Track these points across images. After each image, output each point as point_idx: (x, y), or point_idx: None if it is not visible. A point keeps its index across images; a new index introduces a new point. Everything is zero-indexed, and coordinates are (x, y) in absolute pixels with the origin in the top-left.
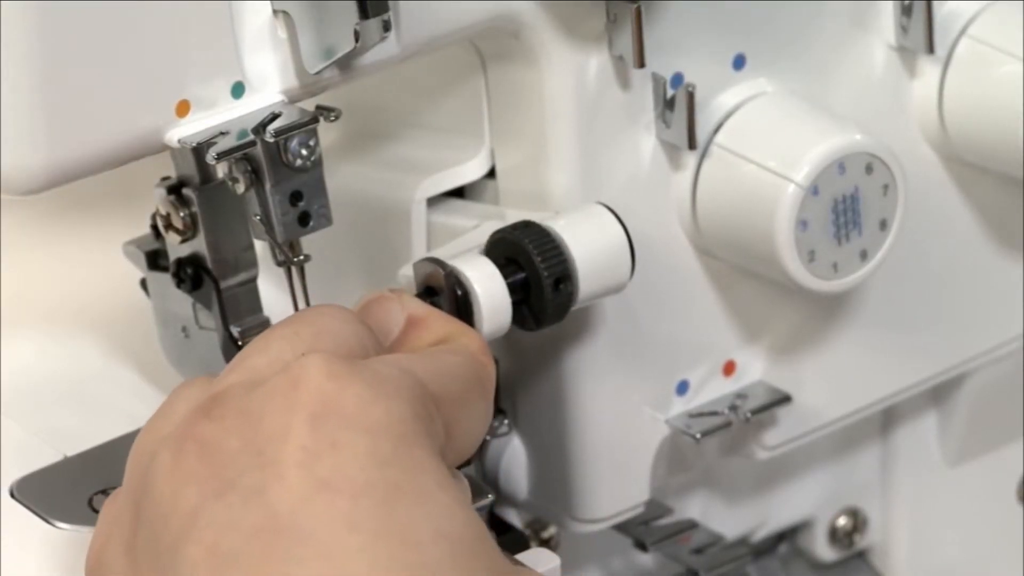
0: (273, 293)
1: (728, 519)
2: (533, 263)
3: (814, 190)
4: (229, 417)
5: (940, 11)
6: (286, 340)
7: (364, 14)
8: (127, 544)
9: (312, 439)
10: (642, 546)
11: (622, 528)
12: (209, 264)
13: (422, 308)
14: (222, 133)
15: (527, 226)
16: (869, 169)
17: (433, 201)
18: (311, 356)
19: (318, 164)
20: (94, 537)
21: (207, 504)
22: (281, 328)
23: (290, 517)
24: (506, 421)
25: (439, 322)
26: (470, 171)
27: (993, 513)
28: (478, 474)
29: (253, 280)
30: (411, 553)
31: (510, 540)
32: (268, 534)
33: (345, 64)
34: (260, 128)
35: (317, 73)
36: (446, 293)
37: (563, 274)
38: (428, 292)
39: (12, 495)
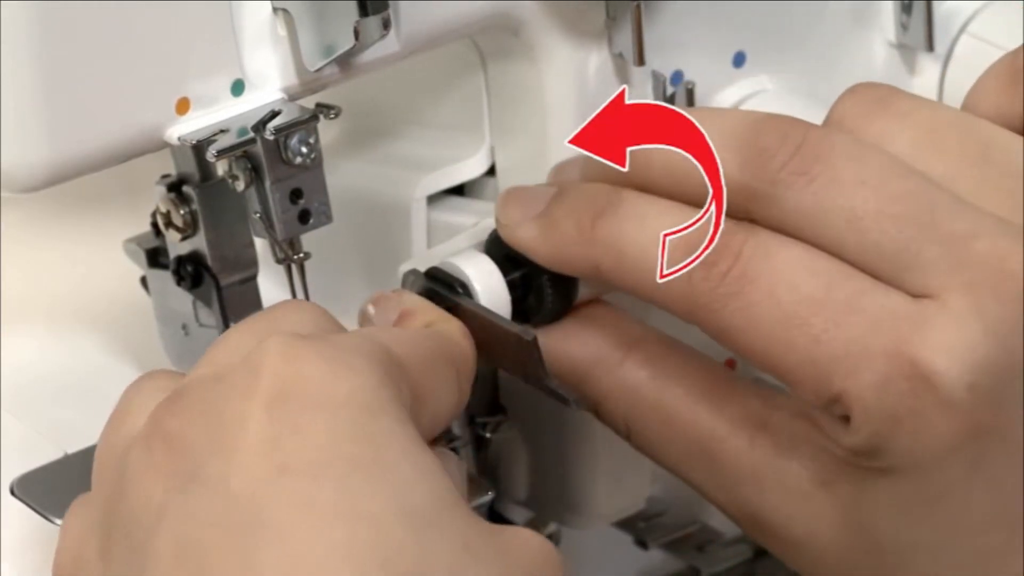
0: (273, 291)
1: None
2: (533, 261)
3: None
4: (192, 409)
5: (940, 9)
6: (247, 330)
7: (364, 12)
8: (101, 549)
9: (271, 425)
10: (643, 544)
11: (623, 526)
12: (209, 262)
13: (416, 301)
14: (222, 131)
15: None
16: None
17: (433, 198)
18: (268, 340)
19: (318, 162)
20: (62, 544)
21: (172, 497)
22: (243, 322)
23: (251, 503)
24: (506, 420)
25: (428, 311)
26: (470, 168)
27: None
28: (478, 472)
29: (253, 278)
30: (371, 531)
31: None
32: (230, 522)
33: (345, 62)
34: (260, 126)
35: (317, 71)
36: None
37: (564, 282)
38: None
39: (12, 492)
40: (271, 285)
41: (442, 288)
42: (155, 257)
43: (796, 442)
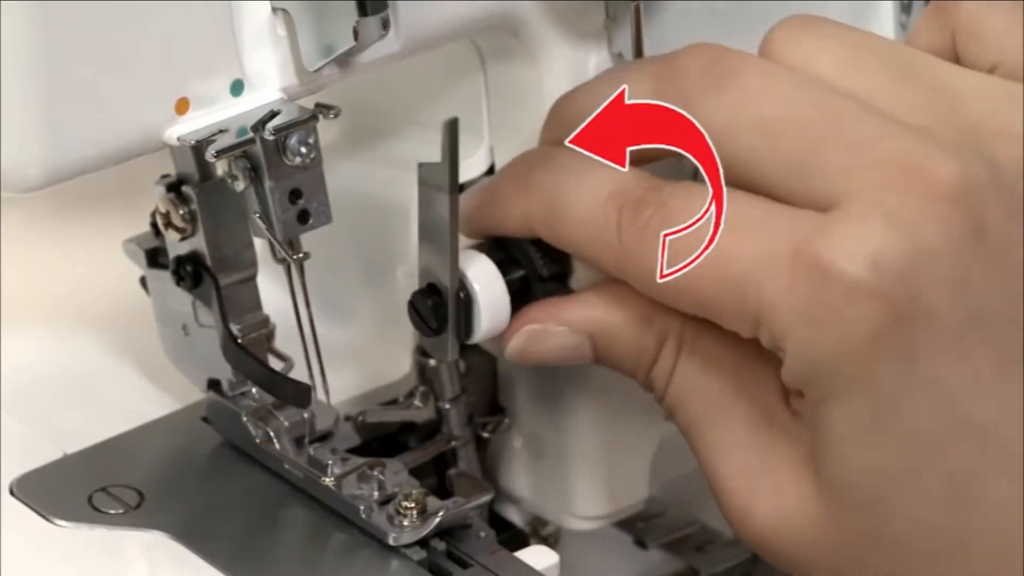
0: (273, 291)
1: None
2: (532, 262)
3: None
4: None
5: None
6: None
7: (363, 12)
8: None
9: None
10: (642, 544)
11: (622, 526)
12: (208, 262)
13: None
14: (221, 131)
15: None
16: None
17: None
18: None
19: (317, 162)
20: None
21: None
22: None
23: None
24: (505, 419)
25: None
26: (470, 168)
27: None
28: (478, 472)
29: (252, 278)
30: None
31: (510, 538)
32: None
33: (344, 62)
34: (259, 126)
35: (316, 71)
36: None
37: (562, 273)
38: (431, 290)
39: (12, 492)
40: (270, 285)
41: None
42: (155, 257)
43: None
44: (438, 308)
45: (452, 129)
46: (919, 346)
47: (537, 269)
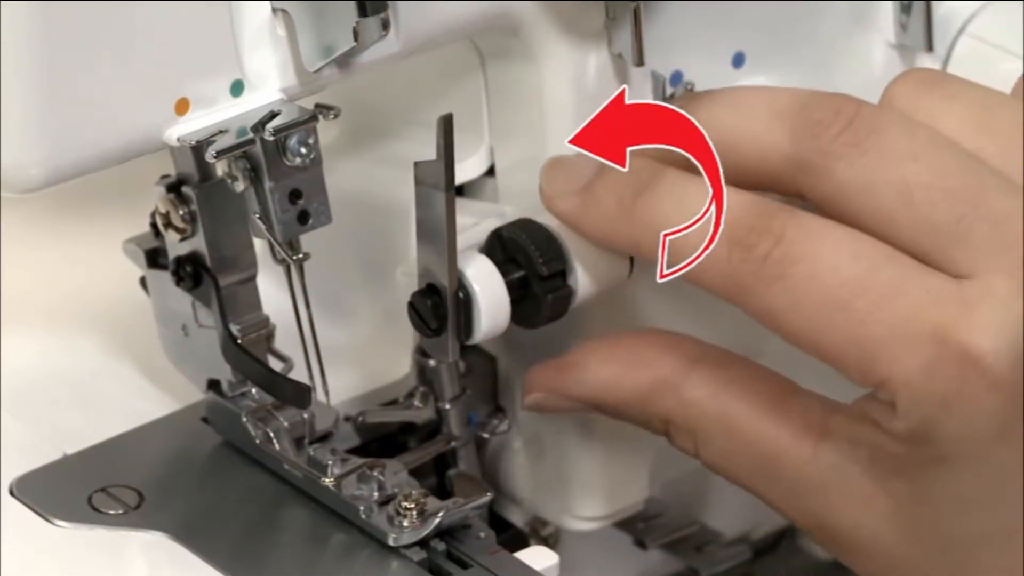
0: (272, 291)
1: (728, 517)
2: (532, 262)
3: None
4: None
5: (939, 9)
6: None
7: (363, 12)
8: None
9: None
10: (642, 544)
11: (622, 526)
12: (208, 262)
13: None
14: (221, 131)
15: (526, 224)
16: None
17: None
18: None
19: (317, 162)
20: None
21: None
22: None
23: None
24: (505, 420)
25: None
26: (469, 169)
27: None
28: (478, 472)
29: (252, 278)
30: None
31: (510, 538)
32: None
33: (344, 62)
34: (259, 126)
35: (316, 71)
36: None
37: (562, 273)
38: (430, 290)
39: (12, 493)
40: (270, 285)
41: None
42: (154, 258)
43: (856, 446)
44: (438, 308)
45: (447, 126)
46: None
47: (537, 269)
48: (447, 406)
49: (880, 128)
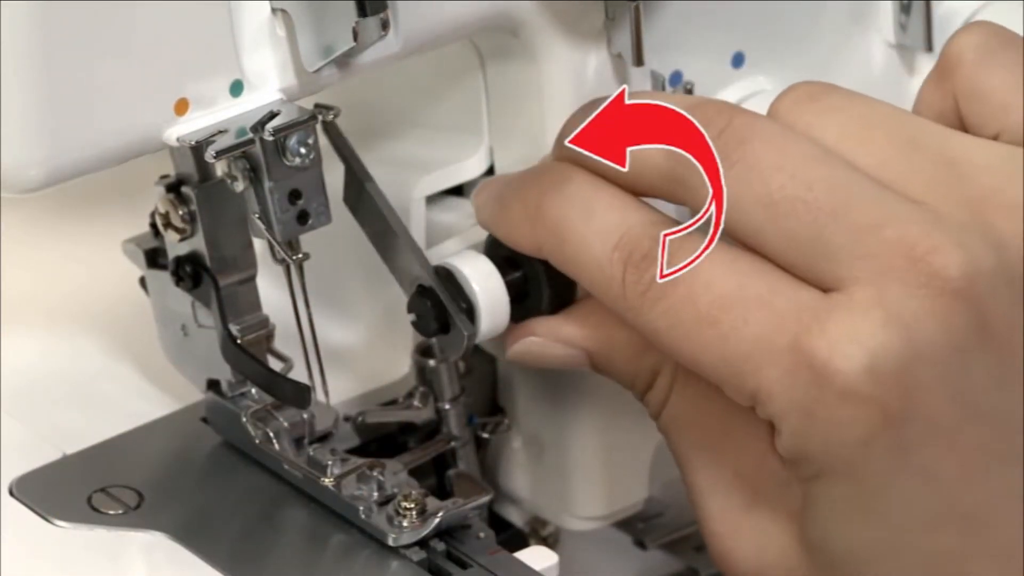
0: (272, 291)
1: None
2: (531, 262)
3: None
4: None
5: (939, 9)
6: None
7: (363, 12)
8: None
9: None
10: (641, 544)
11: (622, 526)
12: (208, 262)
13: None
14: (221, 131)
15: None
16: None
17: (432, 199)
18: None
19: (317, 162)
20: None
21: None
22: None
23: None
24: (505, 419)
25: None
26: (469, 169)
27: None
28: (477, 472)
29: (252, 278)
30: None
31: (509, 538)
32: None
33: (344, 62)
34: (259, 126)
35: (316, 71)
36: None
37: (560, 273)
38: (423, 291)
39: (11, 493)
40: (270, 286)
41: (448, 294)
42: (154, 258)
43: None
44: (437, 304)
45: (332, 129)
46: (910, 442)
47: (535, 269)
48: (447, 406)
49: (748, 139)
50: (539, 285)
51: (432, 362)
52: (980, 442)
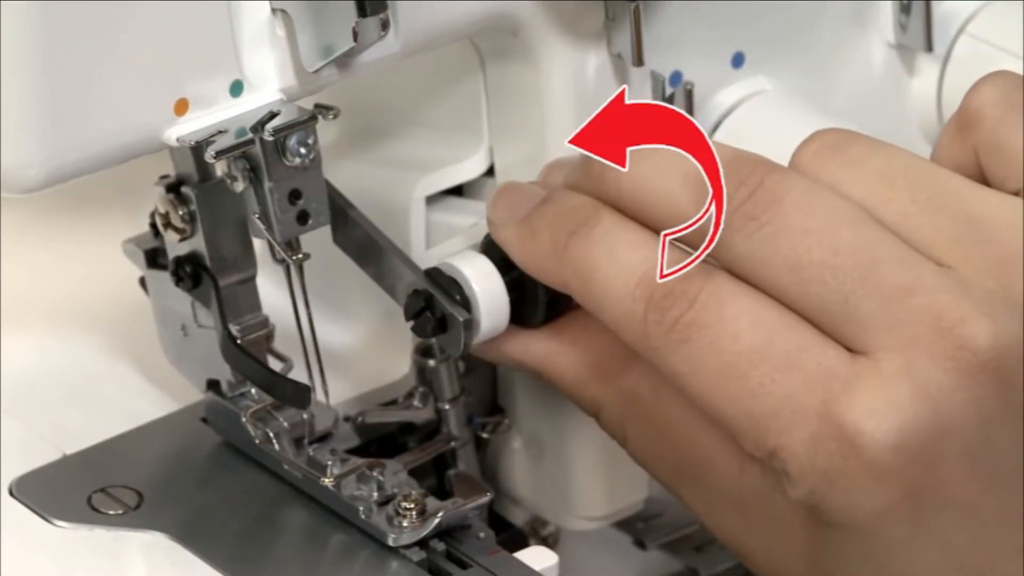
0: (272, 291)
1: None
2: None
3: None
4: None
5: (939, 9)
6: None
7: (363, 12)
8: None
9: None
10: (641, 544)
11: (621, 526)
12: (208, 262)
13: None
14: (221, 131)
15: None
16: None
17: (432, 199)
18: None
19: (317, 162)
20: None
21: None
22: None
23: None
24: (505, 420)
25: None
26: (469, 169)
27: None
28: (477, 473)
29: (252, 278)
30: None
31: (509, 538)
32: None
33: (344, 62)
34: (259, 126)
35: (316, 71)
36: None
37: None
38: (418, 295)
39: (11, 493)
40: (270, 286)
41: (440, 289)
42: (154, 258)
43: (778, 483)
44: (432, 304)
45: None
46: (928, 511)
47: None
48: (447, 406)
49: (779, 200)
50: (535, 285)
51: (432, 362)
52: (997, 509)
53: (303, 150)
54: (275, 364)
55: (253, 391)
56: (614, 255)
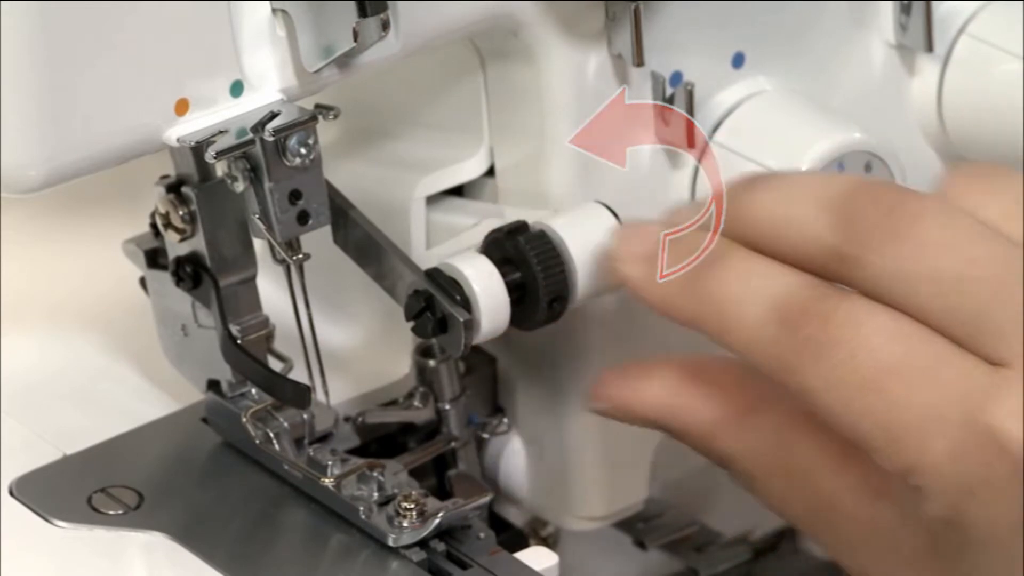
0: (272, 291)
1: (728, 517)
2: (530, 265)
3: None
4: None
5: (939, 9)
6: None
7: (363, 12)
8: None
9: None
10: (641, 544)
11: (622, 526)
12: (208, 262)
13: None
14: (221, 132)
15: (524, 227)
16: (868, 167)
17: (432, 199)
18: None
19: (317, 162)
20: None
21: None
22: None
23: None
24: (505, 420)
25: None
26: (469, 169)
27: None
28: (477, 473)
29: (252, 278)
30: None
31: (509, 538)
32: None
33: (344, 62)
34: (259, 126)
35: (316, 71)
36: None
37: (560, 276)
38: (418, 296)
39: (12, 493)
40: (270, 286)
41: (441, 289)
42: (154, 258)
43: (913, 510)
44: (432, 304)
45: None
46: None
47: (534, 272)
48: (447, 406)
49: (917, 217)
50: (535, 286)
51: (432, 362)
52: None
53: (303, 150)
54: (275, 364)
55: (253, 391)
56: (748, 284)
